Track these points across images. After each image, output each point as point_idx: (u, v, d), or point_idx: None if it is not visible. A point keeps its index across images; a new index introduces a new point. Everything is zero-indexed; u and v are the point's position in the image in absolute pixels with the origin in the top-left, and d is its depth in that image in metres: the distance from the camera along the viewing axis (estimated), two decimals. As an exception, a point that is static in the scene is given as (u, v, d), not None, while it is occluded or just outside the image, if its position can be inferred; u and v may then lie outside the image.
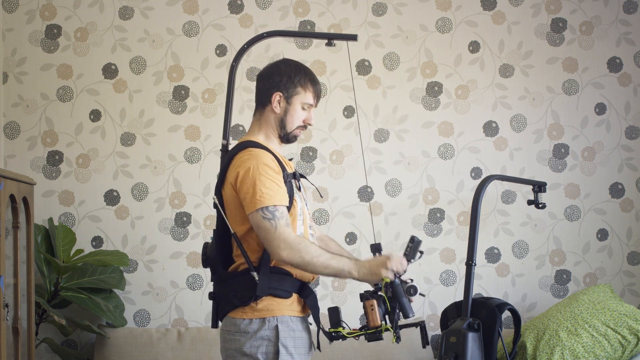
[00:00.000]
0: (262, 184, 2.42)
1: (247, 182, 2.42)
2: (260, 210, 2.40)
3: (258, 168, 2.43)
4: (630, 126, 4.16)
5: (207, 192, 3.96)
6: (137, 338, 3.73)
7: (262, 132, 2.61)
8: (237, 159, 2.50)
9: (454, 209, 4.08)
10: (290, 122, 2.59)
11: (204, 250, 2.60)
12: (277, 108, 2.58)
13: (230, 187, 2.48)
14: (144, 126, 3.95)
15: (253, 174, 2.43)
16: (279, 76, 2.57)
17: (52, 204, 3.90)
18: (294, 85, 2.57)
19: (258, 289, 2.43)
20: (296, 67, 2.60)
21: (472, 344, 3.19)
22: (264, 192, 2.41)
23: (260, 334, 2.46)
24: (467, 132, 4.10)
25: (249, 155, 2.48)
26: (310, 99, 2.60)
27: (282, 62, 2.63)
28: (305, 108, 2.60)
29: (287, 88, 2.57)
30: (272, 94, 2.57)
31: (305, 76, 2.59)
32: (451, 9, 4.10)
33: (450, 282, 4.08)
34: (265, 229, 2.39)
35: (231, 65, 2.71)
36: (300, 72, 2.58)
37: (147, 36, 3.97)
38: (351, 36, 2.71)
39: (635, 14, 4.17)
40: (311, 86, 2.59)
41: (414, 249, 2.52)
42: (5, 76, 3.91)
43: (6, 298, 2.87)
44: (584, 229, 4.14)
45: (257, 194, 2.41)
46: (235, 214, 2.50)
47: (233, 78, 2.70)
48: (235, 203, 2.48)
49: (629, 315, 3.55)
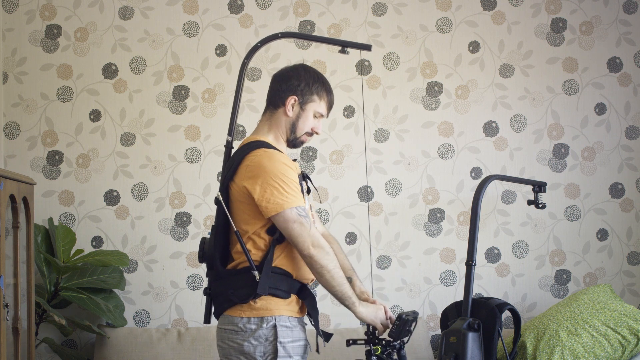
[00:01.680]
0: (287, 185, 2.45)
1: (272, 183, 2.44)
2: (294, 208, 2.43)
3: (278, 169, 2.45)
4: (630, 126, 4.16)
5: (207, 192, 3.96)
6: (137, 338, 3.73)
7: (272, 133, 2.62)
8: (251, 158, 2.49)
9: (454, 209, 4.08)
10: (300, 128, 2.61)
11: (201, 246, 2.60)
12: (290, 112, 2.59)
13: (241, 187, 2.48)
14: (144, 126, 3.96)
15: (275, 175, 2.44)
16: (298, 81, 2.59)
17: (52, 204, 3.90)
18: (311, 92, 2.59)
19: (259, 287, 2.44)
20: (315, 75, 2.62)
21: (472, 344, 3.19)
22: (291, 193, 2.45)
23: (258, 333, 2.46)
24: (467, 132, 4.10)
25: (266, 156, 2.48)
26: (323, 108, 2.63)
27: (301, 68, 2.64)
28: (316, 116, 2.62)
29: (303, 94, 2.59)
30: (287, 96, 2.59)
31: (323, 85, 2.62)
32: (451, 9, 4.10)
33: (450, 282, 4.08)
34: (300, 223, 2.43)
35: (242, 62, 2.73)
36: (318, 81, 2.61)
37: (147, 36, 3.97)
38: (365, 46, 2.72)
39: (635, 14, 4.17)
40: (326, 96, 2.62)
41: (398, 327, 2.58)
42: (5, 76, 3.91)
43: (6, 298, 2.87)
44: (584, 229, 4.14)
45: (285, 194, 2.43)
46: (242, 213, 2.50)
47: (243, 75, 2.72)
48: (244, 202, 2.48)
49: (629, 315, 3.55)
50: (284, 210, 2.43)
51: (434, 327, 4.04)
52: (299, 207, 2.45)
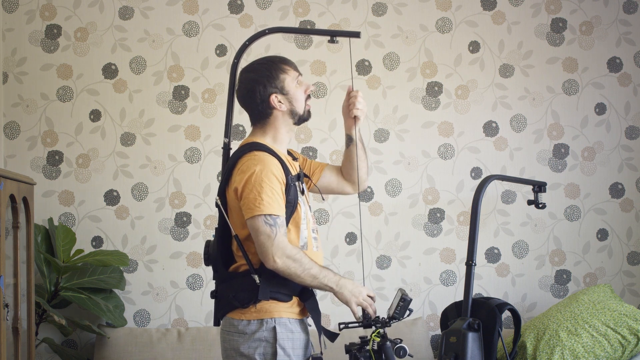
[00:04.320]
0: (264, 191, 2.42)
1: (250, 187, 2.43)
2: (263, 216, 2.40)
3: (262, 174, 2.43)
4: (630, 126, 4.16)
5: (207, 192, 3.96)
6: (137, 338, 3.73)
7: (269, 135, 2.60)
8: (241, 162, 2.49)
9: (454, 209, 4.08)
10: (298, 104, 2.59)
11: (206, 249, 2.60)
12: (282, 105, 2.57)
13: (233, 191, 2.48)
14: (144, 126, 3.96)
15: (256, 179, 2.43)
16: (258, 83, 2.55)
17: (52, 204, 3.90)
18: (277, 77, 2.55)
19: (260, 293, 2.44)
20: (262, 64, 2.57)
21: (472, 344, 3.19)
22: (265, 199, 2.41)
23: (258, 335, 2.46)
24: (467, 132, 4.10)
25: (254, 159, 2.47)
26: (294, 74, 2.59)
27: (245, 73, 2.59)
28: (298, 83, 2.60)
29: (274, 84, 2.55)
30: (268, 100, 2.55)
31: (275, 63, 2.57)
32: (451, 9, 4.10)
33: (450, 282, 4.08)
34: (266, 234, 2.40)
35: (233, 62, 2.69)
36: (269, 64, 2.57)
37: (147, 36, 3.97)
38: (354, 33, 2.68)
39: (635, 14, 4.17)
40: (286, 65, 2.59)
41: (403, 308, 2.53)
42: (5, 76, 3.91)
43: (6, 298, 2.87)
44: (584, 229, 4.14)
45: (259, 200, 2.41)
46: (237, 217, 2.50)
47: (234, 76, 2.67)
48: (237, 207, 2.48)
49: (629, 315, 3.55)
50: (253, 217, 2.41)
51: (434, 327, 4.04)
52: (269, 216, 2.40)
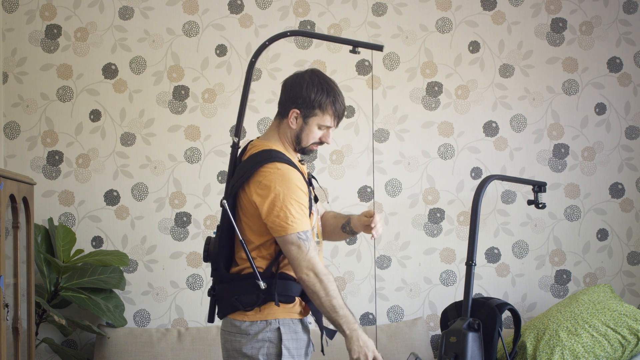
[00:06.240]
0: (294, 208, 2.42)
1: (279, 205, 2.41)
2: (297, 234, 2.41)
3: (289, 191, 2.42)
4: (630, 126, 4.16)
5: (207, 192, 3.96)
6: (137, 338, 3.73)
7: (280, 142, 2.57)
8: (263, 174, 2.45)
9: (454, 209, 4.08)
10: (305, 140, 2.55)
11: (206, 246, 2.58)
12: (294, 124, 2.53)
13: (252, 201, 2.45)
14: (144, 126, 3.95)
15: (285, 197, 2.41)
16: (300, 92, 2.50)
17: (52, 204, 3.90)
18: (312, 106, 2.50)
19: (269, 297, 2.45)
20: (319, 86, 2.51)
21: (472, 344, 3.19)
22: (297, 217, 2.42)
23: (261, 335, 2.46)
24: (467, 132, 4.10)
25: (277, 174, 2.44)
26: (328, 121, 2.53)
27: (307, 76, 2.54)
28: (321, 129, 2.55)
29: (305, 107, 2.50)
30: (290, 109, 2.52)
31: (327, 98, 2.50)
32: (451, 9, 4.10)
33: (450, 282, 4.08)
34: (299, 247, 2.41)
35: (250, 61, 2.65)
36: (321, 92, 2.50)
37: (147, 36, 3.97)
38: (377, 46, 2.58)
39: (635, 14, 4.17)
40: (331, 109, 2.51)
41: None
42: (5, 76, 3.91)
43: (6, 298, 2.87)
44: (584, 229, 4.14)
45: (291, 218, 2.41)
46: (253, 223, 2.48)
47: (250, 75, 2.64)
48: (255, 215, 2.47)
49: (629, 315, 3.55)
50: (287, 235, 2.42)
51: (434, 327, 4.04)
52: (301, 232, 2.42)
